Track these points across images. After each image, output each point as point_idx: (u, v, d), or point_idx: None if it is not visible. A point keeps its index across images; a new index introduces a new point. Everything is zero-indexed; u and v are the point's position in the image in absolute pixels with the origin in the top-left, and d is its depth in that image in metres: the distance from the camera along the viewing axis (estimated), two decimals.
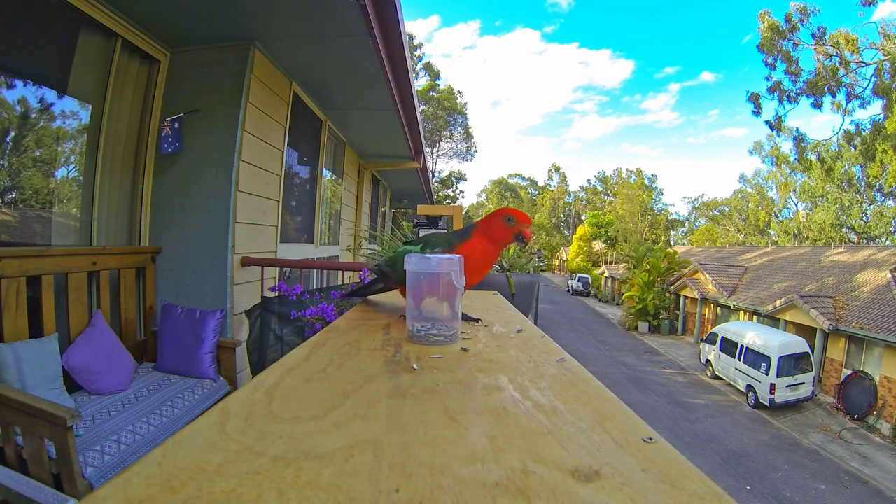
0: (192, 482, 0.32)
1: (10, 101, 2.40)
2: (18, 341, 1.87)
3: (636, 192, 46.87)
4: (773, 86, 20.99)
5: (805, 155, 24.14)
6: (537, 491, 0.32)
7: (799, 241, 30.55)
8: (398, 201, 12.59)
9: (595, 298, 31.94)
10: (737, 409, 11.37)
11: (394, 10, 2.74)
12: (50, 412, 1.53)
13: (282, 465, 0.35)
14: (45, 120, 2.58)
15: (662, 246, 27.72)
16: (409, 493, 0.31)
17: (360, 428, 0.42)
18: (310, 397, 0.50)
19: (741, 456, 8.87)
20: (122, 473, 0.33)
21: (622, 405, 0.49)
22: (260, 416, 0.45)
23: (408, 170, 7.35)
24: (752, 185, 38.67)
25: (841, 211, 27.86)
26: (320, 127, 4.63)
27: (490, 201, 59.40)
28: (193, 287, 2.89)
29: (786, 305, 12.81)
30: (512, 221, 0.89)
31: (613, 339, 19.09)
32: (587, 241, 43.48)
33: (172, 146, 2.80)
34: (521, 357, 0.66)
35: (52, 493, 1.50)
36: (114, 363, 2.29)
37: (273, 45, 3.07)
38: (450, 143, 41.48)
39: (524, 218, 0.90)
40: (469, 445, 0.39)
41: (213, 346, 2.59)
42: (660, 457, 0.38)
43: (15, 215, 2.54)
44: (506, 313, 1.07)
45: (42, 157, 2.63)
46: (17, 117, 2.46)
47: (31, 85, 2.48)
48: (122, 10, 2.57)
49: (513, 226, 0.89)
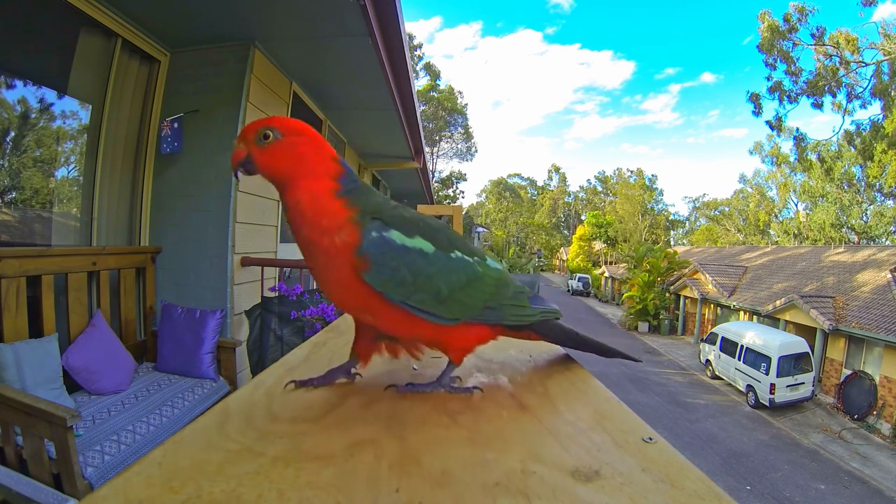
0: (192, 482, 0.32)
1: (10, 101, 2.41)
2: (18, 341, 1.87)
3: (636, 193, 46.87)
4: (774, 86, 21.00)
5: (805, 155, 24.14)
6: (537, 491, 0.32)
7: (799, 241, 30.55)
8: (398, 201, 12.59)
9: (595, 298, 31.94)
10: (737, 409, 11.37)
11: (394, 10, 2.74)
12: (50, 412, 1.53)
13: (282, 465, 0.35)
14: (45, 120, 2.58)
15: (662, 246, 27.72)
16: (409, 493, 0.31)
17: (360, 428, 0.42)
18: (310, 397, 0.50)
19: (741, 456, 8.87)
20: (122, 473, 0.33)
21: (622, 405, 0.49)
22: (260, 416, 0.45)
23: (408, 170, 7.35)
24: (752, 185, 38.68)
25: (841, 211, 27.88)
26: (320, 127, 4.63)
27: (490, 201, 59.39)
28: (193, 287, 2.89)
29: (786, 305, 12.81)
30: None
31: (613, 339, 19.07)
32: (587, 241, 43.48)
33: (172, 146, 2.80)
34: (521, 357, 0.66)
35: (52, 493, 1.50)
36: (114, 363, 2.29)
37: (273, 45, 3.07)
38: (450, 143, 41.51)
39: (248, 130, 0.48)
40: (469, 445, 0.39)
41: (213, 346, 2.59)
42: (660, 457, 0.38)
43: (15, 215, 2.54)
44: None
45: (42, 157, 2.63)
46: (18, 117, 2.46)
47: (31, 85, 2.48)
48: (122, 10, 2.57)
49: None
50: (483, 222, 53.12)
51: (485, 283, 0.51)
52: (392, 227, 0.45)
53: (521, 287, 0.57)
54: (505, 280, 0.55)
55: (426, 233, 0.47)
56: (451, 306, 0.47)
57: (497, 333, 0.56)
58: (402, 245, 0.45)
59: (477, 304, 0.50)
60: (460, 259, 0.49)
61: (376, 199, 0.48)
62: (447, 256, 0.47)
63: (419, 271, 0.45)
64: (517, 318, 0.55)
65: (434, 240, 0.47)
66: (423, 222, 0.48)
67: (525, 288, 0.58)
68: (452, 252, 0.48)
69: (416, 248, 0.45)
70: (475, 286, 0.49)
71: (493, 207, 58.32)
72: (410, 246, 0.45)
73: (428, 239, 0.46)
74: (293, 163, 0.46)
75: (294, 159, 0.46)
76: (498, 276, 0.53)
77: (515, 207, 58.27)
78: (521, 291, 0.57)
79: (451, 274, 0.47)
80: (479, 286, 0.50)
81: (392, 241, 0.44)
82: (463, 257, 0.49)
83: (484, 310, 0.51)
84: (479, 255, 0.52)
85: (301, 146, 0.46)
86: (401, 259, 0.44)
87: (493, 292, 0.52)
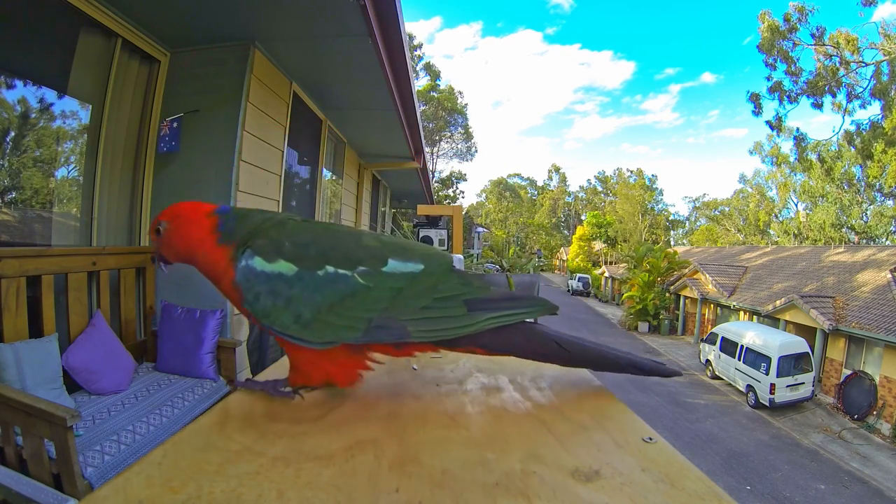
0: (192, 482, 0.32)
1: (10, 101, 2.41)
2: (18, 341, 1.87)
3: (636, 193, 46.87)
4: (774, 86, 20.98)
5: (805, 155, 24.13)
6: (537, 491, 0.32)
7: (799, 241, 30.55)
8: (398, 201, 12.59)
9: (595, 298, 31.93)
10: (737, 409, 11.36)
11: (394, 10, 2.74)
12: (50, 412, 1.53)
13: (282, 465, 0.35)
14: (45, 120, 2.58)
15: (662, 246, 27.72)
16: (409, 493, 0.31)
17: (360, 428, 0.42)
18: (310, 397, 0.50)
19: (741, 456, 8.86)
20: (122, 473, 0.33)
21: (622, 405, 0.49)
22: (260, 416, 0.45)
23: (408, 170, 7.35)
24: (752, 185, 38.69)
25: (841, 211, 27.88)
26: (320, 127, 4.63)
27: (490, 201, 59.37)
28: (193, 287, 2.88)
29: (786, 305, 12.81)
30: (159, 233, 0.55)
31: (613, 339, 19.08)
32: (587, 241, 43.47)
33: (169, 145, 2.81)
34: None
35: (52, 493, 1.50)
36: (114, 363, 2.29)
37: (273, 45, 3.07)
38: (450, 143, 41.50)
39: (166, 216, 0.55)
40: (469, 445, 0.39)
41: (213, 346, 2.59)
42: (660, 457, 0.38)
43: (15, 215, 2.54)
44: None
45: (42, 157, 2.63)
46: (18, 117, 2.46)
47: (31, 85, 2.48)
48: (122, 10, 2.57)
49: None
50: (483, 222, 53.08)
51: (369, 296, 0.44)
52: (257, 253, 0.45)
53: (461, 289, 0.47)
54: (419, 288, 0.46)
55: (291, 252, 0.45)
56: (319, 329, 0.43)
57: (411, 349, 0.48)
58: (261, 271, 0.44)
59: (356, 324, 0.44)
60: (331, 275, 0.44)
61: (251, 224, 0.49)
62: (312, 275, 0.44)
63: (278, 295, 0.44)
64: (434, 334, 0.45)
65: (298, 258, 0.44)
66: (292, 240, 0.46)
67: (475, 287, 0.47)
68: (321, 269, 0.44)
69: (274, 273, 0.44)
70: (351, 302, 0.44)
71: (493, 207, 58.31)
72: (269, 271, 0.44)
73: (291, 259, 0.44)
74: (182, 243, 0.51)
75: (181, 239, 0.51)
76: (398, 284, 0.45)
77: (515, 207, 58.27)
78: (454, 295, 0.46)
79: (314, 294, 0.43)
80: (359, 301, 0.44)
81: (253, 268, 0.45)
82: (336, 272, 0.44)
83: (371, 329, 0.44)
84: (371, 262, 0.45)
85: (180, 227, 0.52)
86: (261, 286, 0.44)
87: (385, 306, 0.45)
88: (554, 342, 0.49)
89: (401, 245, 0.49)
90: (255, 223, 0.49)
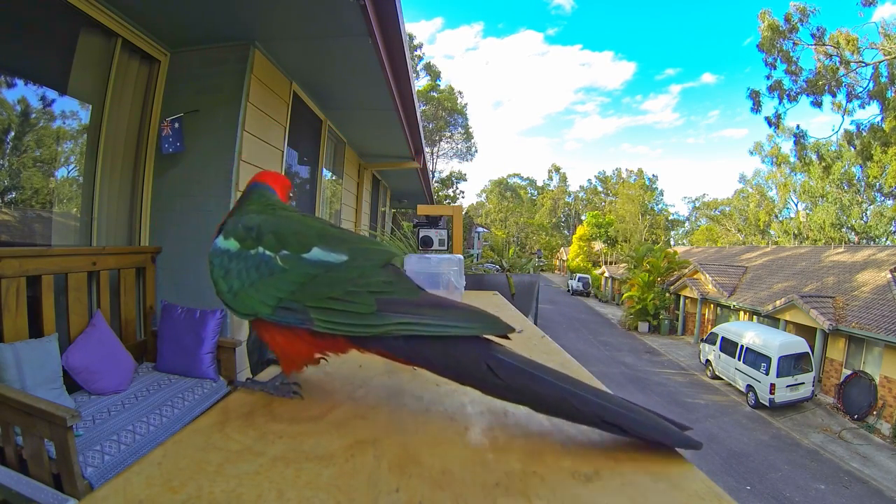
0: (192, 482, 0.32)
1: (10, 101, 2.41)
2: (18, 341, 1.87)
3: (636, 193, 46.88)
4: (774, 84, 20.96)
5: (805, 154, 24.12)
6: (537, 491, 0.32)
7: (799, 241, 30.56)
8: (398, 201, 12.59)
9: (595, 298, 31.94)
10: (737, 409, 11.37)
11: (394, 10, 2.74)
12: (50, 412, 1.53)
13: (282, 465, 0.35)
14: (45, 120, 2.58)
15: (662, 246, 27.73)
16: (409, 493, 0.31)
17: (360, 428, 0.42)
18: (310, 397, 0.50)
19: (741, 456, 8.87)
20: (122, 473, 0.33)
21: None
22: (260, 416, 0.45)
23: (408, 170, 7.35)
24: (752, 185, 38.69)
25: (841, 211, 27.89)
26: (320, 127, 4.63)
27: (490, 201, 59.38)
28: (193, 287, 2.88)
29: (786, 305, 12.81)
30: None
31: (613, 339, 19.09)
32: (587, 241, 43.47)
33: (174, 146, 2.80)
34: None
35: (52, 493, 1.50)
36: (114, 363, 2.29)
37: (273, 45, 3.07)
38: (450, 143, 41.50)
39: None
40: (469, 445, 0.39)
41: (213, 346, 2.59)
42: (660, 457, 0.38)
43: (15, 215, 2.54)
44: (506, 313, 1.07)
45: (42, 157, 2.63)
46: (18, 117, 2.46)
47: (31, 85, 2.48)
48: (122, 10, 2.57)
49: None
50: (483, 222, 53.09)
51: (284, 278, 0.47)
52: (222, 233, 0.53)
53: (380, 287, 0.45)
54: (334, 278, 0.46)
55: (239, 233, 0.51)
56: (242, 300, 0.49)
57: (330, 344, 0.48)
58: (217, 247, 0.52)
59: (268, 301, 0.48)
60: (258, 255, 0.49)
61: (238, 212, 0.56)
62: (246, 254, 0.50)
63: (222, 267, 0.51)
64: (337, 326, 0.45)
65: (242, 239, 0.51)
66: (244, 223, 0.53)
67: (399, 288, 0.46)
68: (254, 249, 0.50)
69: (224, 249, 0.52)
70: (268, 281, 0.48)
71: (494, 207, 58.32)
72: (222, 247, 0.52)
73: (237, 238, 0.51)
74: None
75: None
76: (313, 271, 0.47)
77: (515, 207, 58.27)
78: (369, 291, 0.45)
79: (245, 270, 0.50)
80: (274, 282, 0.48)
81: (216, 245, 0.53)
82: (263, 253, 0.49)
83: (277, 309, 0.47)
84: (296, 247, 0.48)
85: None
86: (215, 259, 0.52)
87: (293, 290, 0.47)
88: (486, 364, 0.41)
89: (338, 237, 0.51)
90: (239, 210, 0.57)
